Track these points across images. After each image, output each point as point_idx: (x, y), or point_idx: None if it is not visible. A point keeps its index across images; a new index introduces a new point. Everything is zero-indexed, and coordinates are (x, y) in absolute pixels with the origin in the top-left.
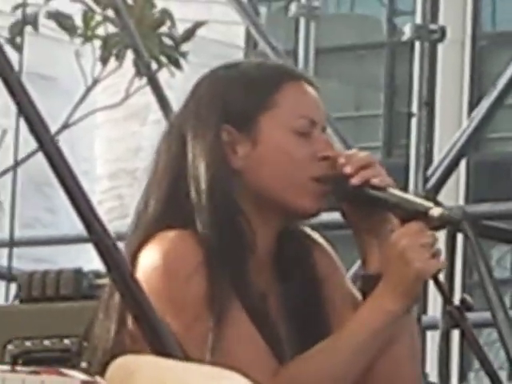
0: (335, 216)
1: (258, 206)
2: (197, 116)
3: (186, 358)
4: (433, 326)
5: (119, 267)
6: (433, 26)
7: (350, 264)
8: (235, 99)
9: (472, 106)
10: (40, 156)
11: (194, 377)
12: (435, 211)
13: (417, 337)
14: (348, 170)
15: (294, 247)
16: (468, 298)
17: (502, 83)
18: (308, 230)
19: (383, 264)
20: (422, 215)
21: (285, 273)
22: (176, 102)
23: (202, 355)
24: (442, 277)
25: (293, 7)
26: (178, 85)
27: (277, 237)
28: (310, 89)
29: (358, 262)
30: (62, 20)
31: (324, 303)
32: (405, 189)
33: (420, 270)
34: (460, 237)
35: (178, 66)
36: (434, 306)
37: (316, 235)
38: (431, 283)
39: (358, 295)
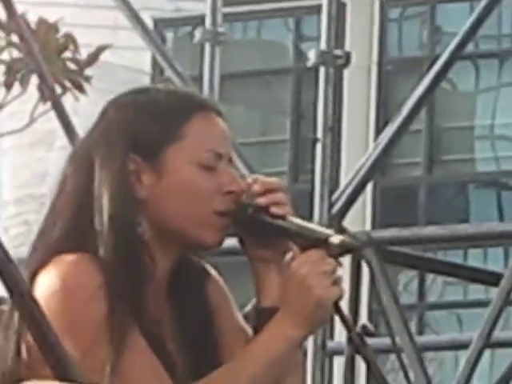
0: (232, 242)
1: (160, 235)
2: (106, 142)
3: (87, 381)
4: (339, 352)
5: (18, 287)
6: (338, 52)
7: (245, 293)
8: (144, 128)
9: (378, 131)
10: None
11: None
12: (335, 238)
13: (304, 370)
14: (256, 188)
15: (189, 276)
16: (369, 324)
17: (407, 108)
18: (202, 261)
19: (282, 292)
20: (322, 243)
21: (179, 301)
22: (82, 128)
23: (101, 380)
24: (344, 304)
25: (198, 33)
26: (84, 110)
27: (173, 265)
28: (218, 120)
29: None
30: None
31: (215, 334)
32: (310, 214)
33: (320, 297)
34: None
35: (81, 90)
36: (341, 331)
37: (209, 266)
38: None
39: (249, 330)
